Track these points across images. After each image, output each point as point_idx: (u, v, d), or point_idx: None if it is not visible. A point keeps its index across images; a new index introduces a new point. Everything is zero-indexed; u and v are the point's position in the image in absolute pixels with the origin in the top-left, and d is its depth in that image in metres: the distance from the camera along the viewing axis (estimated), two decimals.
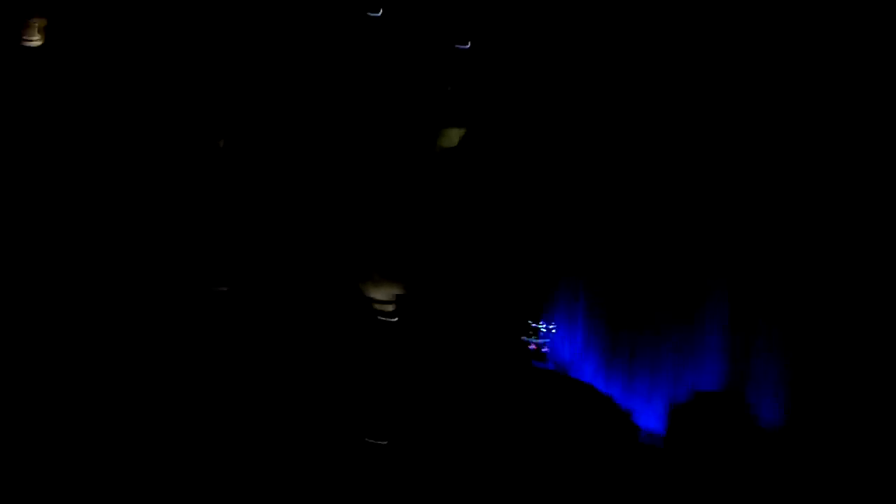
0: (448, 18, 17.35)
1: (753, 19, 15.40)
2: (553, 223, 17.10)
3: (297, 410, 15.43)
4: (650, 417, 15.93)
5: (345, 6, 17.30)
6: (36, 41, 18.40)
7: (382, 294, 16.90)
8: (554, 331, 17.16)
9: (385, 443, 15.13)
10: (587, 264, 16.78)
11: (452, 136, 17.59)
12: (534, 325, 17.14)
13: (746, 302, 15.14)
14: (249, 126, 17.38)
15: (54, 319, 15.79)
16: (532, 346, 17.09)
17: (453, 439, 15.35)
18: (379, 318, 16.72)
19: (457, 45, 17.07)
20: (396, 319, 16.82)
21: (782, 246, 15.22)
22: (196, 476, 14.31)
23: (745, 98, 15.49)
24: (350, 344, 16.37)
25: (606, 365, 16.42)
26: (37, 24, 18.53)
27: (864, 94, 14.89)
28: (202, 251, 16.79)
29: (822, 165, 15.08)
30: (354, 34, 17.33)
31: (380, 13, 15.69)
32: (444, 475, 14.95)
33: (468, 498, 14.67)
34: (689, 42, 15.46)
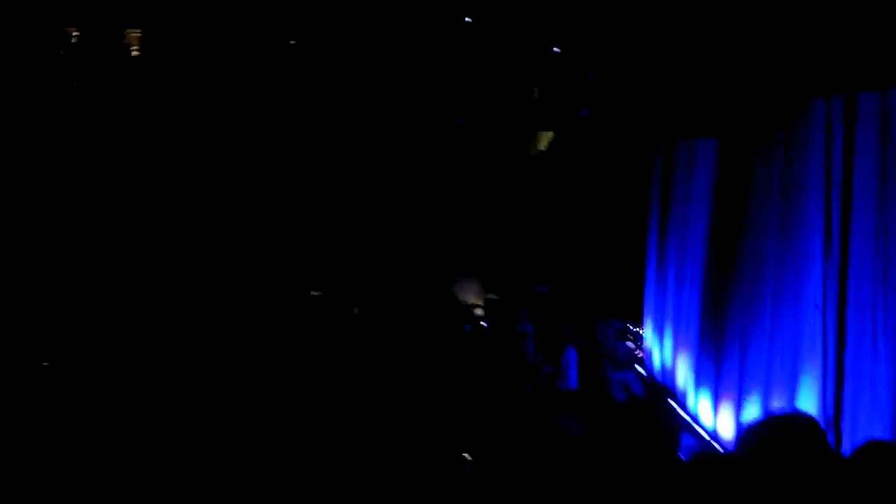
0: (539, 20, 17.36)
1: None
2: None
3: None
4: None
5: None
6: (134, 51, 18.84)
7: (476, 297, 16.98)
8: (644, 334, 16.87)
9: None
10: (676, 257, 16.11)
11: (543, 141, 17.67)
12: (634, 329, 16.65)
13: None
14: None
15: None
16: (640, 354, 16.64)
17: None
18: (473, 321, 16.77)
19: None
20: (488, 323, 16.88)
21: None
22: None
23: None
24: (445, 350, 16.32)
25: (696, 377, 15.41)
26: (132, 35, 18.98)
27: None
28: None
29: None
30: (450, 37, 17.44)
31: None
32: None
33: None
34: None
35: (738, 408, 13.83)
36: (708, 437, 14.42)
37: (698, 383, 15.05)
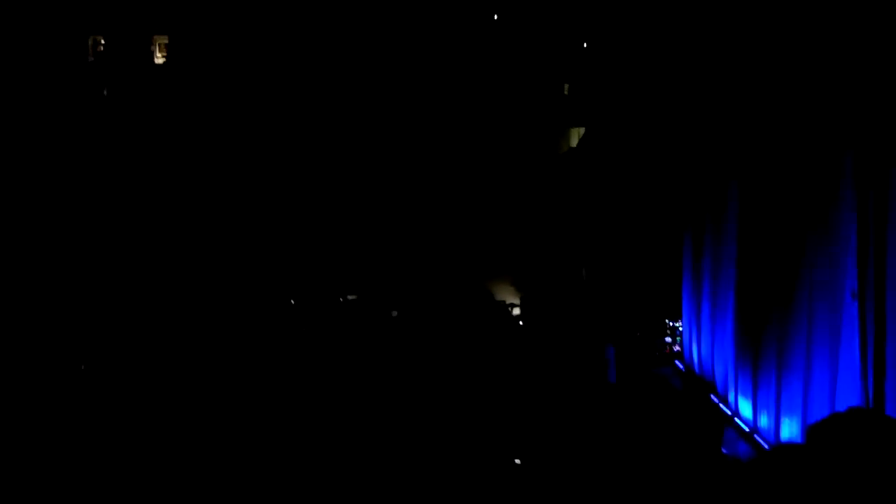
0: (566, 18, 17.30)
1: None
2: (677, 220, 16.73)
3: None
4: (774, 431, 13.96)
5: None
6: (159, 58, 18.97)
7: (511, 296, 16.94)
8: (681, 330, 16.81)
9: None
10: (715, 262, 16.07)
11: (572, 137, 17.60)
12: (672, 324, 16.73)
13: None
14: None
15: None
16: (676, 348, 16.69)
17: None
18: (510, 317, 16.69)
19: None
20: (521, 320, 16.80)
21: None
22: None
23: None
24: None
25: (735, 372, 15.29)
26: (159, 42, 19.12)
27: None
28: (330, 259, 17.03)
29: None
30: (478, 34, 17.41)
31: None
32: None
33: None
34: None
35: (778, 401, 13.72)
36: (748, 430, 14.35)
37: (738, 377, 14.96)
